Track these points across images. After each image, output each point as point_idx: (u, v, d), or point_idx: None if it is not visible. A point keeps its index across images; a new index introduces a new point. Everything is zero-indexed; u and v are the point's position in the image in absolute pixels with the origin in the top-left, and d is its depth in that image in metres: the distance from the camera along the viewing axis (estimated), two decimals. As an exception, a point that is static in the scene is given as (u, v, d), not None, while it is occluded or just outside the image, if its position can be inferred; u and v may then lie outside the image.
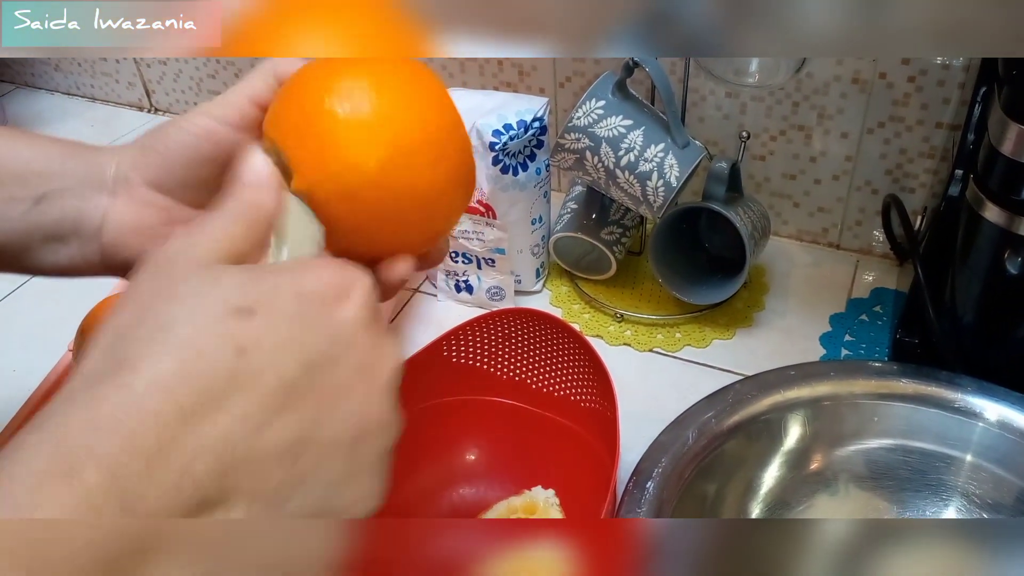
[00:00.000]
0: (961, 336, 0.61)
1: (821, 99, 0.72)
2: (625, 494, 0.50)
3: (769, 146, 0.76)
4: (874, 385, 0.55)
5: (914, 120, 0.70)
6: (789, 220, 0.80)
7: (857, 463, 0.54)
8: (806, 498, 0.53)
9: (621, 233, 0.74)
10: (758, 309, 0.73)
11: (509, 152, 0.68)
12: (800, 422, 0.54)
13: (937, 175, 0.71)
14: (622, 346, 0.71)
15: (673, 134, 0.63)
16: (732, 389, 0.55)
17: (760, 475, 0.54)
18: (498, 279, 0.74)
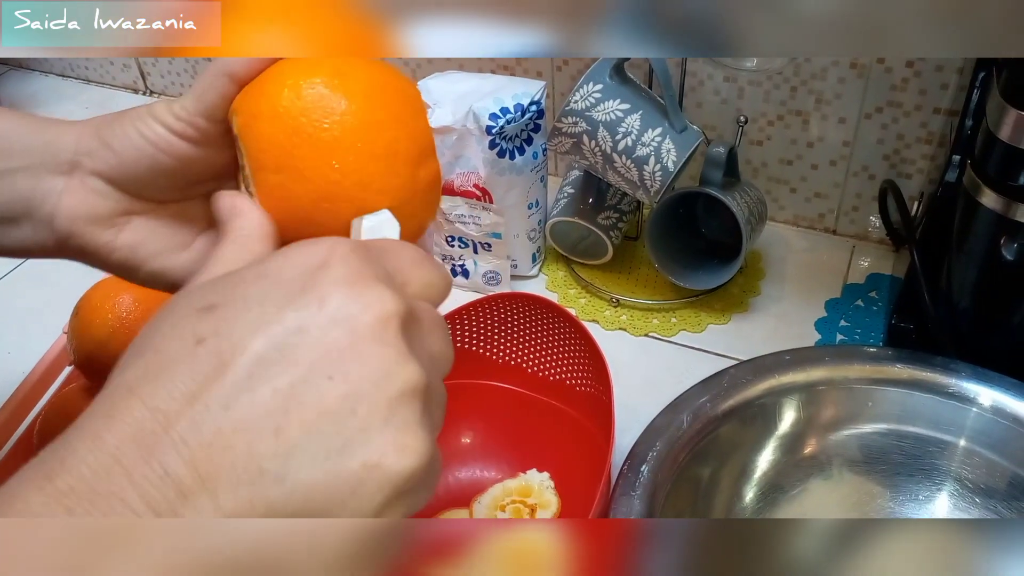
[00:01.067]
0: (956, 322, 0.61)
1: (819, 84, 0.72)
2: (620, 477, 0.50)
3: (766, 131, 0.76)
4: (869, 370, 0.55)
5: (912, 105, 0.70)
6: (786, 205, 0.80)
7: (851, 447, 0.54)
8: (799, 482, 0.53)
9: (618, 218, 0.74)
10: (754, 294, 0.73)
11: (506, 136, 0.67)
12: (795, 406, 0.55)
13: (934, 161, 0.71)
14: (618, 331, 0.71)
15: (671, 118, 0.63)
16: (727, 373, 0.55)
17: (754, 459, 0.54)
18: (494, 263, 0.74)
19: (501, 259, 0.73)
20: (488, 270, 0.74)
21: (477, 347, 0.61)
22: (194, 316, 0.25)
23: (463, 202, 0.71)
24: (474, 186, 0.70)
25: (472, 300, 0.59)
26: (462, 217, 0.72)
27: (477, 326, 0.60)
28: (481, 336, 0.61)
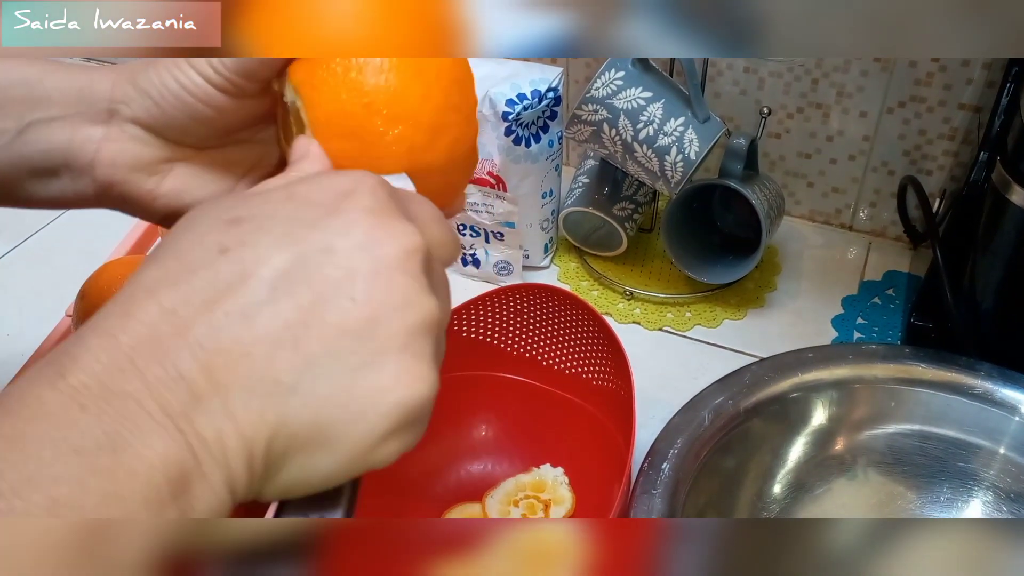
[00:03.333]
0: (979, 322, 0.60)
1: (841, 77, 0.70)
2: (640, 475, 0.49)
3: (785, 123, 0.75)
4: (893, 369, 0.54)
5: (936, 101, 0.69)
6: (802, 200, 0.79)
7: (876, 448, 0.53)
8: (823, 481, 0.52)
9: (633, 209, 0.73)
10: (770, 290, 0.72)
11: (522, 123, 0.66)
12: (817, 406, 0.53)
13: (957, 157, 0.70)
14: (631, 324, 0.70)
15: (694, 108, 0.61)
16: (748, 371, 0.54)
17: (777, 458, 0.53)
18: (506, 253, 0.72)
19: (513, 249, 0.72)
20: (500, 260, 0.73)
21: (492, 338, 0.60)
22: (220, 226, 0.25)
23: (476, 189, 0.69)
24: (488, 173, 0.69)
25: (489, 290, 0.57)
26: (475, 205, 0.70)
27: (493, 317, 0.59)
28: (496, 327, 0.59)
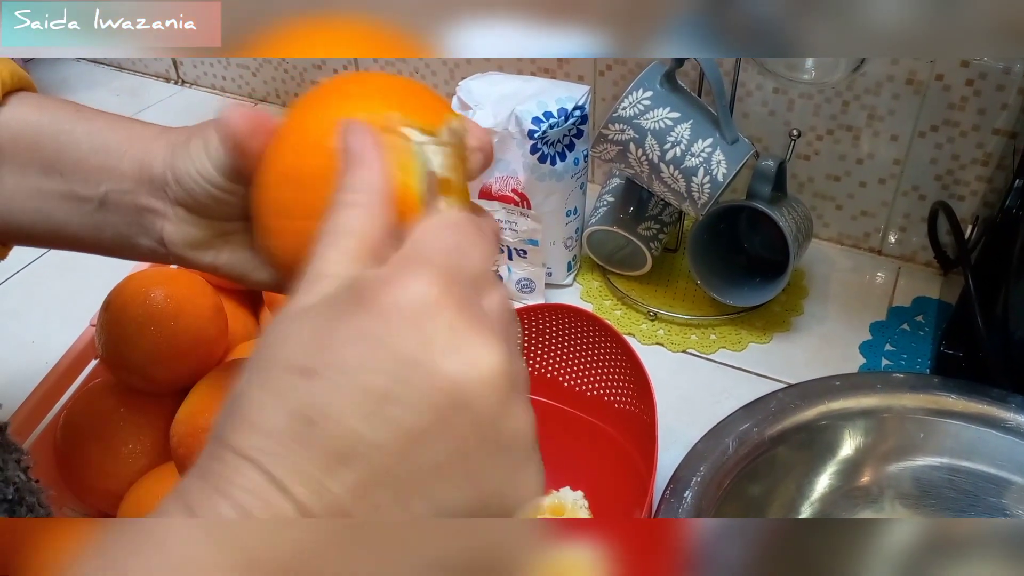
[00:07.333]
0: (1012, 352, 0.58)
1: (872, 99, 0.69)
2: (662, 502, 0.48)
3: (815, 145, 0.74)
4: (923, 399, 0.53)
5: (969, 125, 0.67)
6: (831, 223, 0.77)
7: (903, 480, 0.52)
8: (849, 514, 0.51)
9: (659, 229, 0.72)
10: (796, 314, 0.71)
11: (548, 141, 0.65)
12: (844, 435, 0.52)
13: (991, 183, 0.69)
14: (654, 345, 0.69)
15: (722, 129, 0.61)
16: (774, 397, 0.53)
17: (802, 488, 0.52)
18: (529, 271, 0.72)
19: (536, 266, 0.71)
20: (522, 277, 0.72)
21: (513, 358, 0.59)
22: (293, 381, 0.23)
23: (500, 207, 0.69)
24: (512, 191, 0.68)
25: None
26: (499, 222, 0.70)
27: (514, 336, 0.58)
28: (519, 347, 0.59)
